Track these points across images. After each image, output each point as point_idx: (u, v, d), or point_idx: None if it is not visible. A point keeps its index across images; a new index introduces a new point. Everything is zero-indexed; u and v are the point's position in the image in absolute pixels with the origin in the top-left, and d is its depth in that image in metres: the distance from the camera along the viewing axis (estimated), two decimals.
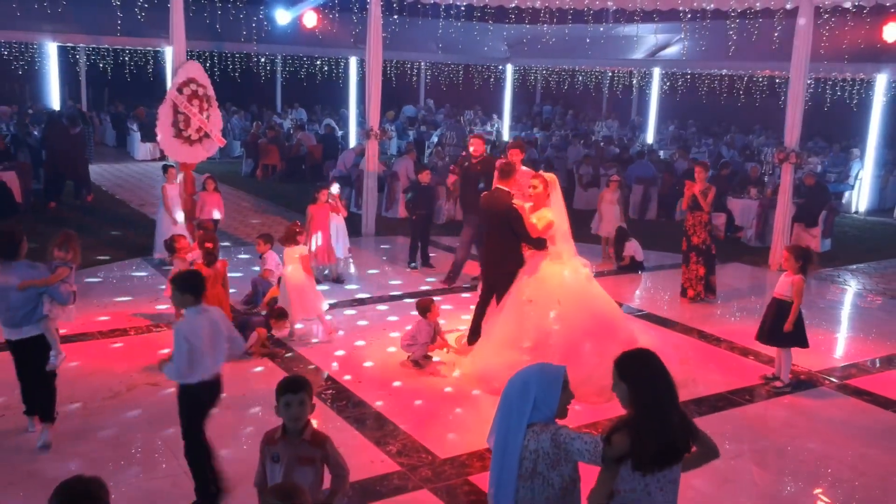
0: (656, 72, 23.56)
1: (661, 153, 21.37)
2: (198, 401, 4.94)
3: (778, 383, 7.41)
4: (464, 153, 10.59)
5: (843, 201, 18.20)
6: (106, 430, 6.16)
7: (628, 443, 3.26)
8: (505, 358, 6.65)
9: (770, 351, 7.77)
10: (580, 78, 26.01)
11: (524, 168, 8.91)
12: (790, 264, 7.24)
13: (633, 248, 11.71)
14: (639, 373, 3.36)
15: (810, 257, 7.38)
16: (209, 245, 7.70)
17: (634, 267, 11.73)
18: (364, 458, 5.71)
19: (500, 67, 25.81)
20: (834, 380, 7.76)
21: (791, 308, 7.15)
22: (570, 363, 4.20)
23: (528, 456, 3.27)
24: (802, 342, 7.31)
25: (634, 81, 26.44)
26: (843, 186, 18.29)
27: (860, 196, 18.13)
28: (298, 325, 8.50)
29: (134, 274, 10.82)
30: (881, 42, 14.49)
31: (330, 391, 7.02)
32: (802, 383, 7.58)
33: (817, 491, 5.67)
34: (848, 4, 12.14)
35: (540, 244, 7.43)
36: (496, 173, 8.24)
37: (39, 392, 5.96)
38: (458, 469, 5.69)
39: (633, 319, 8.78)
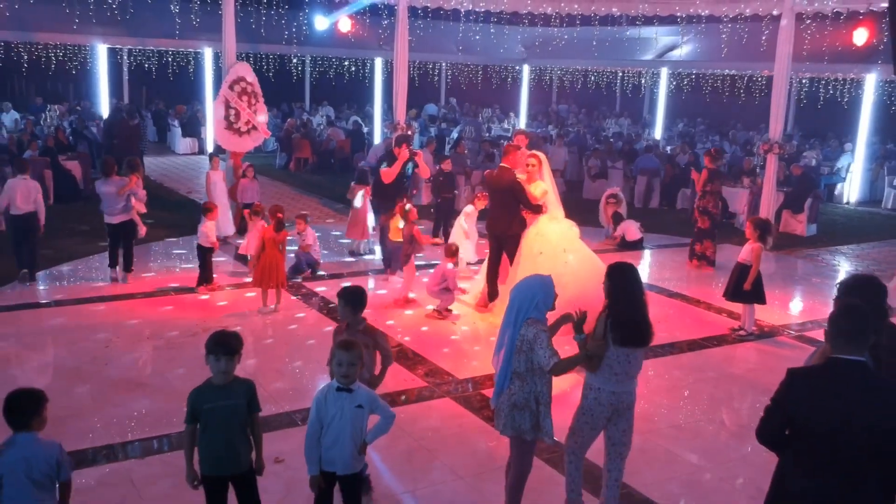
0: (664, 72, 24.92)
1: (669, 148, 22.74)
2: (15, 226, 9.78)
3: (742, 332, 8.84)
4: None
5: (836, 192, 19.51)
6: (192, 357, 7.70)
7: (602, 328, 4.69)
8: None
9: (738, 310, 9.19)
10: (592, 78, 27.38)
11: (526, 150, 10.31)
12: (751, 234, 8.66)
13: (624, 228, 13.19)
14: (621, 274, 4.82)
15: (768, 228, 8.80)
16: (280, 215, 9.23)
17: (628, 245, 13.14)
18: (399, 378, 7.21)
19: (517, 68, 27.21)
20: (792, 331, 9.18)
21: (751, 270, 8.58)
22: (582, 300, 5.64)
23: (520, 338, 4.71)
24: (761, 299, 8.72)
25: (643, 81, 27.77)
26: (835, 179, 19.59)
27: (851, 187, 19.41)
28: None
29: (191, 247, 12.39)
30: (870, 44, 15.81)
31: None
32: (764, 334, 9.01)
33: (759, 404, 7.08)
34: (827, 10, 13.50)
35: (538, 209, 8.97)
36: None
37: (126, 252, 10.20)
38: (472, 385, 7.20)
39: None
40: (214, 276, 10.07)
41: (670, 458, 6.06)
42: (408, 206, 9.89)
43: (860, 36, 13.59)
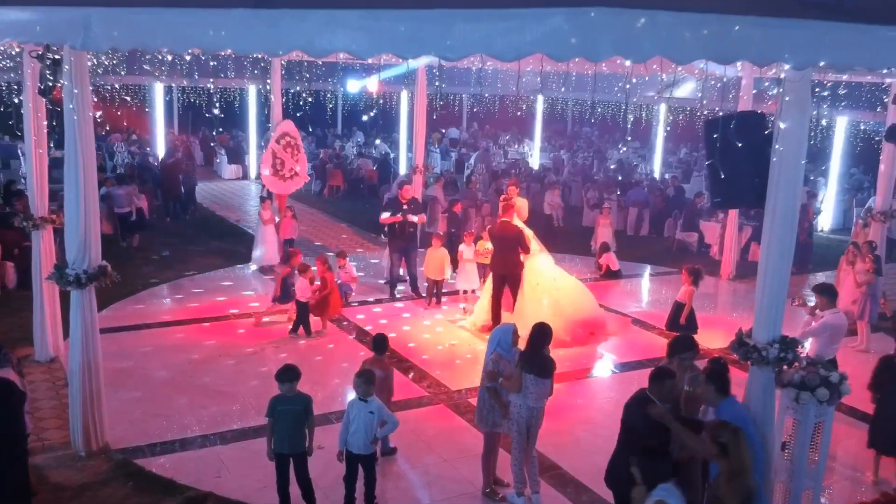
0: (662, 107, 27.21)
1: (667, 175, 25.02)
2: None
3: None
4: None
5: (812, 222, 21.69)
6: (257, 371, 10.26)
7: (519, 364, 7.14)
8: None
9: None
10: (599, 110, 29.70)
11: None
12: (685, 279, 11.05)
13: (608, 259, 15.60)
14: (534, 330, 7.27)
15: (700, 274, 11.17)
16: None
17: (611, 274, 15.55)
18: (407, 388, 9.69)
19: (532, 98, 29.60)
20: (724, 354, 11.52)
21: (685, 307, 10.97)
22: (578, 314, 8.33)
23: (486, 361, 7.23)
24: (693, 329, 11.04)
25: (644, 115, 30.04)
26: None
27: (824, 217, 21.61)
28: (360, 316, 12.58)
29: (245, 275, 15.00)
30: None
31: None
32: (703, 356, 11.34)
33: None
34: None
35: (529, 250, 11.69)
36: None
37: (132, 230, 16.49)
38: (463, 395, 9.69)
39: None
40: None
41: (599, 450, 8.33)
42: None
43: None
